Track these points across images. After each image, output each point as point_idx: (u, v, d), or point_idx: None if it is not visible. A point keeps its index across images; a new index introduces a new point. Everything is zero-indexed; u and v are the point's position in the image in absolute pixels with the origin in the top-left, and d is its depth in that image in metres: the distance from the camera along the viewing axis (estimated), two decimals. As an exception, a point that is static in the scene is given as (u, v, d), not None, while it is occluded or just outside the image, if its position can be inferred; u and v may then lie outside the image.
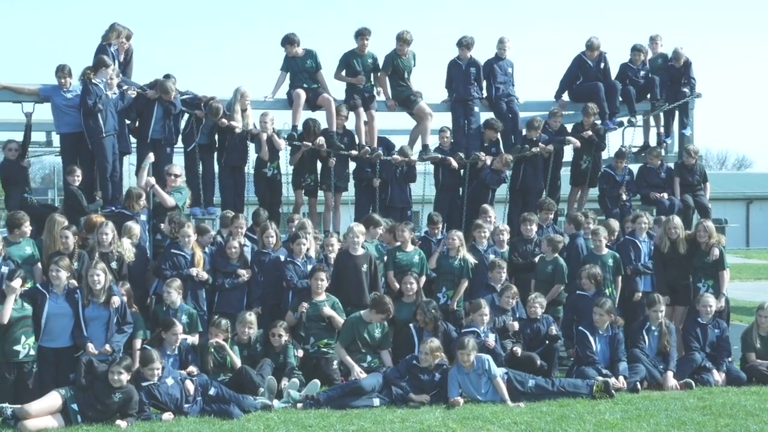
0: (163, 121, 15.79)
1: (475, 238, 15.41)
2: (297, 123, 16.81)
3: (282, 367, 13.11)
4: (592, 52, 18.33)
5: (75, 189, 14.98)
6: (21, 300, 12.24)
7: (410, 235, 15.20)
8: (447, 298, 14.85)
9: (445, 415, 11.74)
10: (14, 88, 15.89)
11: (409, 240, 15.12)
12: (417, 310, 13.67)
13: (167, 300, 13.23)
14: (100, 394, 11.32)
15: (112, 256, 13.47)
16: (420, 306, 13.67)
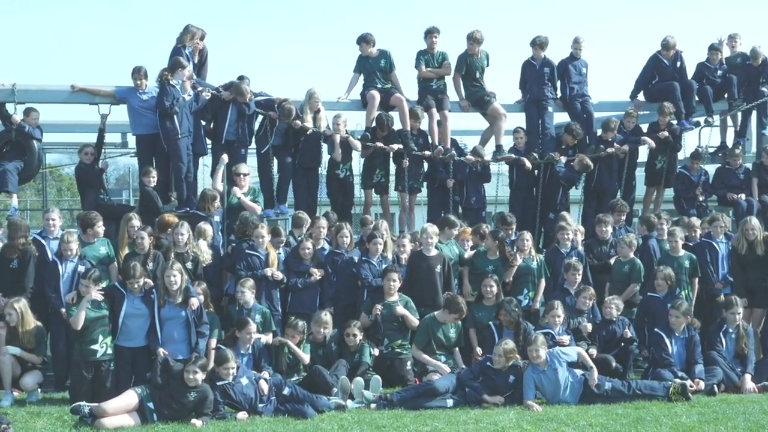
0: (237, 122, 15.87)
1: (558, 240, 15.29)
2: (369, 122, 16.83)
3: (356, 366, 13.11)
4: (668, 51, 18.10)
5: (150, 190, 15.11)
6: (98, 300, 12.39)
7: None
8: (529, 299, 14.74)
9: (519, 416, 11.64)
10: (91, 90, 16.07)
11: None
12: (500, 310, 13.58)
13: (241, 300, 13.29)
14: (176, 393, 11.40)
15: (187, 257, 13.57)
16: (503, 305, 13.57)
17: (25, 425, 11.02)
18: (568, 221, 15.85)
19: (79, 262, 13.17)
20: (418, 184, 17.24)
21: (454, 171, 16.82)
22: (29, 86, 16.25)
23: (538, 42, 17.59)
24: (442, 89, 17.29)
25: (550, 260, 15.11)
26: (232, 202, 15.22)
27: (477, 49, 17.34)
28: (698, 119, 18.56)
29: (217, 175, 15.56)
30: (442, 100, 17.18)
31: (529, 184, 17.44)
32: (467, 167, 16.90)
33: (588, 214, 17.40)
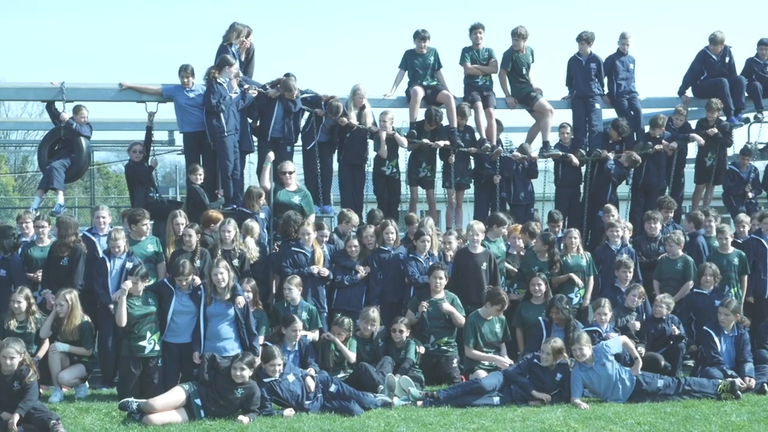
0: (283, 120, 15.89)
1: (608, 238, 15.19)
2: (414, 119, 16.78)
3: (402, 362, 13.10)
4: (716, 47, 17.93)
5: (197, 187, 15.18)
6: (146, 296, 12.49)
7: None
8: (580, 297, 14.65)
9: (566, 414, 11.60)
10: (138, 89, 16.16)
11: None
12: (552, 307, 13.50)
13: (287, 297, 13.31)
14: (223, 389, 11.44)
15: (233, 254, 13.62)
16: (555, 302, 13.49)
17: (74, 421, 11.11)
18: (615, 216, 15.78)
19: (128, 259, 13.25)
20: (465, 180, 17.19)
21: (501, 167, 16.75)
22: (78, 84, 16.36)
23: (585, 37, 17.48)
24: (488, 86, 17.25)
25: (600, 258, 15.04)
26: (280, 199, 15.24)
27: (522, 45, 17.28)
28: (747, 115, 18.37)
29: (264, 172, 15.61)
30: (488, 96, 17.14)
31: (574, 180, 17.38)
32: (514, 163, 16.84)
33: (636, 211, 17.28)
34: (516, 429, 10.93)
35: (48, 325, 12.64)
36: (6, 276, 13.50)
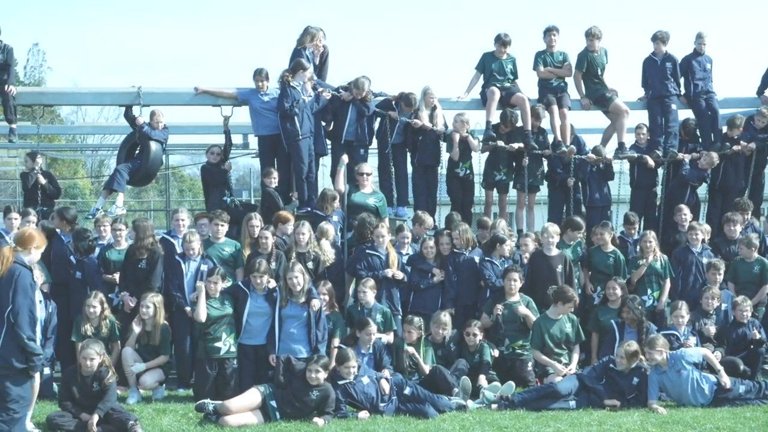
0: (357, 122, 15.92)
1: (688, 240, 15.02)
2: (490, 119, 16.70)
3: (477, 366, 13.05)
4: (797, 45, 17.59)
5: (271, 190, 15.26)
6: (222, 298, 12.60)
7: (609, 235, 14.92)
8: (653, 299, 14.48)
9: (643, 418, 11.48)
10: (213, 93, 16.30)
11: (609, 241, 14.84)
12: (623, 307, 13.37)
13: (362, 300, 13.33)
14: (298, 391, 11.49)
15: (308, 256, 13.67)
16: (627, 302, 13.36)
17: (151, 422, 11.23)
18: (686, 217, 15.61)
19: (202, 261, 13.37)
20: (536, 182, 17.08)
21: (575, 169, 16.61)
22: (154, 89, 16.54)
23: (660, 37, 17.24)
24: (562, 87, 17.09)
25: (679, 260, 14.85)
26: (355, 201, 15.27)
27: (596, 46, 17.11)
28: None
29: (338, 175, 15.66)
30: (562, 98, 16.99)
31: (650, 182, 17.16)
32: (588, 165, 16.69)
33: (713, 213, 17.03)
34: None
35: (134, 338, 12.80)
36: (81, 278, 13.67)
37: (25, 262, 9.15)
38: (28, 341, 8.91)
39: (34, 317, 9.03)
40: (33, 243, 9.29)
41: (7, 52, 16.04)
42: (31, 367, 9.01)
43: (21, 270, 9.03)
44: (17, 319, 8.87)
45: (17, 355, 8.93)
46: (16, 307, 8.89)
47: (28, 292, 8.97)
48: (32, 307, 9.01)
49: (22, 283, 8.94)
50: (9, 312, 8.88)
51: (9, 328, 8.88)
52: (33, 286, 9.10)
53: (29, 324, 8.94)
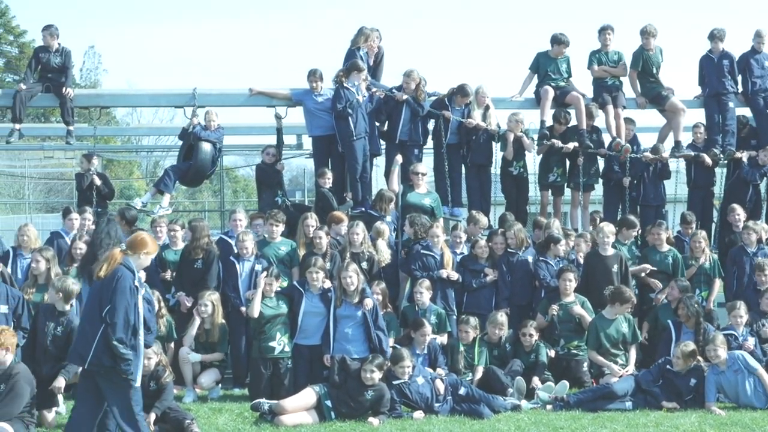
0: (411, 122, 15.92)
1: (743, 239, 14.85)
2: (545, 119, 16.62)
3: (532, 366, 13.00)
4: None
5: (326, 191, 15.29)
6: (277, 298, 12.65)
7: (665, 234, 14.77)
8: (702, 299, 14.33)
9: (701, 420, 11.39)
10: (268, 93, 16.37)
11: (665, 240, 14.69)
12: (679, 304, 13.26)
13: (417, 300, 13.32)
14: (353, 391, 11.52)
15: (362, 256, 13.68)
16: (683, 300, 13.24)
17: (207, 421, 11.31)
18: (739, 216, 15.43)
19: (256, 261, 13.43)
20: (591, 181, 16.96)
21: (631, 168, 16.46)
22: (209, 90, 16.66)
23: (716, 34, 17.04)
24: (617, 86, 16.95)
25: (735, 260, 14.69)
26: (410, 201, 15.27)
27: (652, 44, 16.95)
28: None
29: (392, 175, 15.70)
30: (617, 96, 16.84)
31: (707, 181, 16.96)
32: (644, 165, 16.53)
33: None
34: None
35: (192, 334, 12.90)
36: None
37: (132, 266, 9.29)
38: (118, 343, 9.05)
39: (128, 320, 9.12)
40: (144, 248, 9.45)
41: (65, 55, 16.26)
42: (118, 369, 9.14)
43: (123, 272, 9.18)
44: (112, 320, 9.04)
45: (108, 355, 9.10)
46: (113, 309, 9.06)
47: (125, 295, 9.10)
48: (128, 310, 9.12)
49: (121, 286, 9.10)
50: (107, 312, 9.06)
51: (105, 327, 9.07)
52: (133, 290, 9.20)
53: (123, 327, 9.07)
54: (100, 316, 9.12)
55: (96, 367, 9.18)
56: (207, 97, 16.45)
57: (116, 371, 9.15)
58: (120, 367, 9.11)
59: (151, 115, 55.73)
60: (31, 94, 16.15)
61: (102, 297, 9.16)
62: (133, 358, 9.17)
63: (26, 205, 38.03)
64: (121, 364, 9.10)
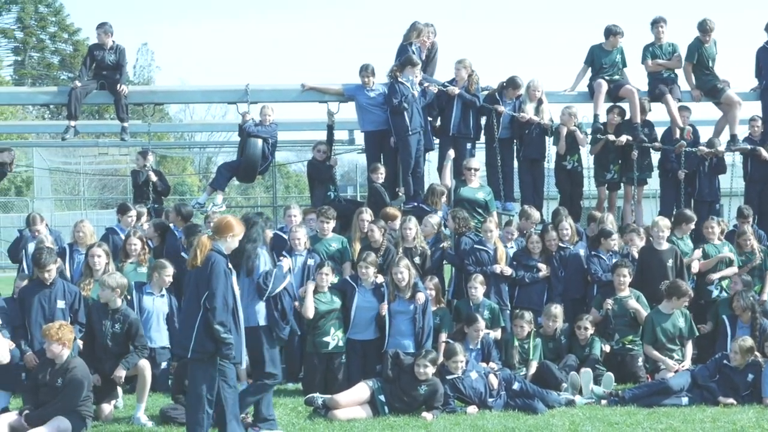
0: (463, 116, 15.89)
1: None
2: (598, 113, 16.51)
3: (586, 359, 12.92)
4: None
5: (378, 186, 15.28)
6: (331, 293, 12.68)
7: (719, 228, 14.64)
8: (755, 293, 14.10)
9: (759, 415, 11.24)
10: (320, 89, 16.41)
11: (718, 234, 14.57)
12: (734, 296, 13.13)
13: (471, 296, 13.29)
14: (407, 386, 11.49)
15: (415, 251, 13.67)
16: (739, 293, 13.10)
17: (261, 414, 11.34)
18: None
19: (309, 256, 13.45)
20: (644, 175, 16.82)
21: (686, 162, 16.30)
22: (262, 86, 16.73)
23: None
24: (672, 78, 16.78)
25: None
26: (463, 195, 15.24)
27: (708, 37, 16.77)
28: None
29: (444, 170, 15.67)
30: (672, 89, 16.68)
31: (764, 175, 16.70)
32: (700, 159, 16.36)
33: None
34: (706, 430, 10.67)
35: None
36: None
37: (222, 250, 9.49)
38: (218, 327, 9.26)
39: (227, 304, 9.35)
40: (230, 231, 9.62)
41: (119, 53, 16.41)
42: (221, 353, 9.35)
43: (216, 257, 9.39)
44: (211, 305, 9.24)
45: (210, 341, 9.30)
46: (210, 294, 9.26)
47: (221, 279, 9.31)
48: (226, 294, 9.35)
49: (216, 270, 9.31)
50: (205, 298, 9.26)
51: (204, 314, 9.27)
52: (227, 273, 9.39)
53: (222, 310, 9.28)
54: (197, 304, 9.35)
55: (199, 355, 9.41)
56: (260, 93, 16.51)
57: (219, 356, 9.37)
58: (222, 351, 9.33)
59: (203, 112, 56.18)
60: (86, 91, 16.33)
61: (198, 284, 9.40)
62: (234, 341, 9.38)
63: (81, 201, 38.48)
64: (223, 348, 9.31)
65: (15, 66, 59.58)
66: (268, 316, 10.29)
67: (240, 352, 9.61)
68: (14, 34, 59.65)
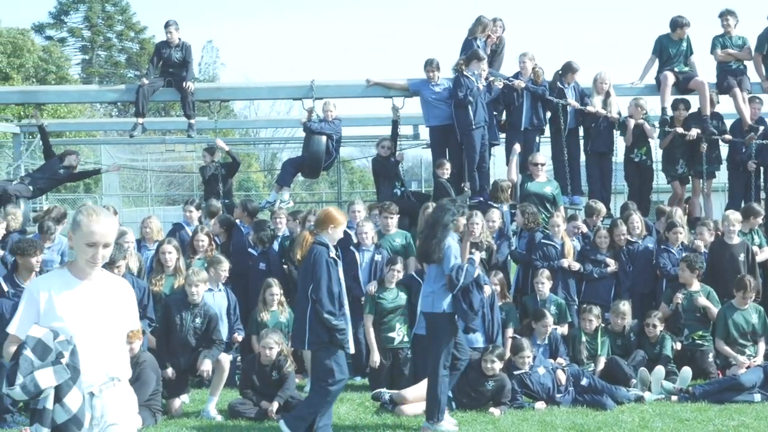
0: (531, 110, 15.81)
1: None
2: (666, 105, 16.29)
3: (656, 358, 12.75)
4: None
5: (443, 181, 15.24)
6: (397, 289, 12.67)
7: None
8: None
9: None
10: (385, 84, 16.42)
11: None
12: None
13: (537, 290, 13.21)
14: (474, 381, 11.45)
15: (480, 246, 13.60)
16: None
17: (327, 410, 11.37)
18: None
19: (376, 251, 13.45)
20: (714, 168, 16.59)
21: (757, 154, 16.05)
22: (327, 82, 16.78)
23: None
24: (741, 70, 16.52)
25: None
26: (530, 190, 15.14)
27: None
28: None
29: (510, 164, 15.59)
30: (742, 81, 16.42)
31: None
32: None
33: None
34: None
35: None
36: (266, 269, 13.81)
37: (326, 241, 9.65)
38: (328, 316, 9.46)
39: (332, 293, 9.52)
40: (331, 223, 9.75)
41: (185, 50, 16.54)
42: (335, 341, 9.55)
43: (318, 249, 9.59)
44: (317, 296, 9.45)
45: (323, 331, 9.53)
46: (315, 285, 9.48)
47: (324, 269, 9.49)
48: (330, 284, 9.50)
49: (318, 261, 9.51)
50: (311, 290, 9.48)
51: (312, 305, 9.48)
52: (330, 263, 9.54)
53: (328, 300, 9.48)
54: (306, 297, 9.57)
55: (316, 346, 9.66)
56: (324, 89, 16.56)
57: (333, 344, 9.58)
58: (336, 338, 9.54)
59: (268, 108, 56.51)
60: (153, 88, 16.49)
61: (305, 278, 9.63)
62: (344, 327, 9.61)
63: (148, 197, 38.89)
64: (337, 335, 9.53)
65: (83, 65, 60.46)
66: (455, 306, 10.37)
67: (347, 338, 9.78)
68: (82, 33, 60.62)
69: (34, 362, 5.30)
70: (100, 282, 5.70)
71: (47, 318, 5.49)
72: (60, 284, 5.61)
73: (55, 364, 5.33)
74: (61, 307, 5.52)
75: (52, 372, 5.31)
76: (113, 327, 5.70)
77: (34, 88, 29.64)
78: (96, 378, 5.58)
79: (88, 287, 5.64)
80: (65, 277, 5.64)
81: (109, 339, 5.67)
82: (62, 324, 5.47)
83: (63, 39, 59.82)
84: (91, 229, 5.49)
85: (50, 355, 5.34)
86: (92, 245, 5.50)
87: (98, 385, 5.60)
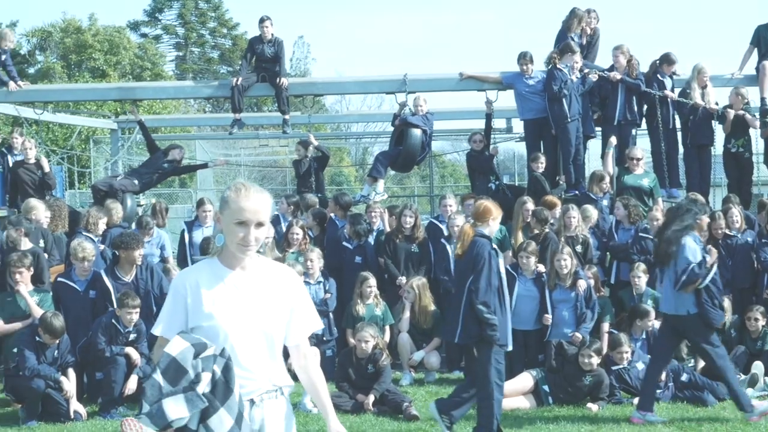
0: (626, 102, 15.61)
1: None
2: (765, 96, 15.90)
3: (757, 354, 12.48)
4: None
5: (538, 175, 15.13)
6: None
7: None
8: None
9: None
10: (479, 77, 16.35)
11: None
12: None
13: (634, 285, 13.02)
14: (571, 376, 11.37)
15: (577, 240, 13.49)
16: None
17: (424, 404, 11.28)
18: None
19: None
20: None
21: None
22: (419, 76, 16.75)
23: None
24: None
25: None
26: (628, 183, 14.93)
27: None
28: None
29: (607, 158, 15.42)
30: None
31: None
32: None
33: None
34: None
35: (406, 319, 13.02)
36: (362, 263, 13.85)
37: (486, 233, 9.63)
38: (481, 306, 9.37)
39: (491, 284, 9.44)
40: (489, 215, 9.72)
41: (277, 45, 16.63)
42: (485, 335, 9.41)
43: (480, 241, 9.54)
44: (475, 285, 9.41)
45: (474, 324, 9.46)
46: (475, 275, 9.43)
47: (484, 260, 9.41)
48: (490, 275, 9.43)
49: (480, 252, 9.44)
50: (471, 281, 9.43)
51: (468, 296, 9.44)
52: (492, 255, 9.49)
53: (485, 290, 9.40)
54: (464, 290, 9.51)
55: (465, 339, 9.64)
56: (417, 83, 16.52)
57: (483, 338, 9.44)
58: (486, 332, 9.39)
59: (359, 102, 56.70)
60: (247, 84, 16.63)
61: (464, 270, 9.57)
62: (498, 323, 9.42)
63: (242, 192, 39.20)
64: (487, 329, 9.38)
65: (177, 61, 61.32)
66: (698, 305, 10.33)
67: (506, 334, 9.63)
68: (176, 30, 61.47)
69: (164, 388, 4.58)
70: (256, 270, 4.93)
71: (194, 317, 4.80)
72: (208, 275, 4.88)
73: (188, 391, 4.60)
74: (210, 302, 4.81)
75: (183, 400, 4.59)
76: (274, 324, 4.92)
77: (131, 84, 30.07)
78: (257, 384, 4.89)
79: (241, 277, 4.89)
80: (214, 266, 4.91)
81: (270, 339, 4.90)
82: (211, 323, 4.78)
83: (158, 36, 60.79)
84: (240, 205, 4.76)
85: (184, 379, 4.62)
86: (242, 224, 4.75)
87: (260, 393, 4.90)
